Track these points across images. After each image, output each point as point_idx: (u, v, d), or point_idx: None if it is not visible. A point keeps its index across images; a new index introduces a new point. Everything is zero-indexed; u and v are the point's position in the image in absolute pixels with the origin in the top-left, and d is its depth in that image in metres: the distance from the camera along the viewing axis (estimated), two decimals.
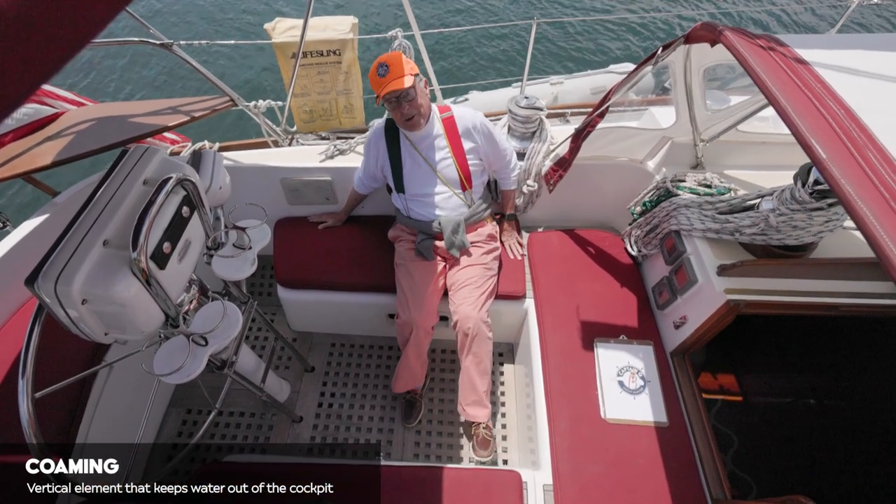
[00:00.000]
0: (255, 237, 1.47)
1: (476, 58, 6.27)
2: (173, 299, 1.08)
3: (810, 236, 1.55)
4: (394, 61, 1.58)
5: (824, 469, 1.79)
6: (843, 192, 0.80)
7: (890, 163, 0.80)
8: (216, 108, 1.90)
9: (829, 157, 0.86)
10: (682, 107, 1.80)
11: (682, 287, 1.73)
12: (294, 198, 2.14)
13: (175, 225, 1.06)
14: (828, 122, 0.91)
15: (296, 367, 2.19)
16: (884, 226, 0.73)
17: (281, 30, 2.08)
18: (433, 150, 1.77)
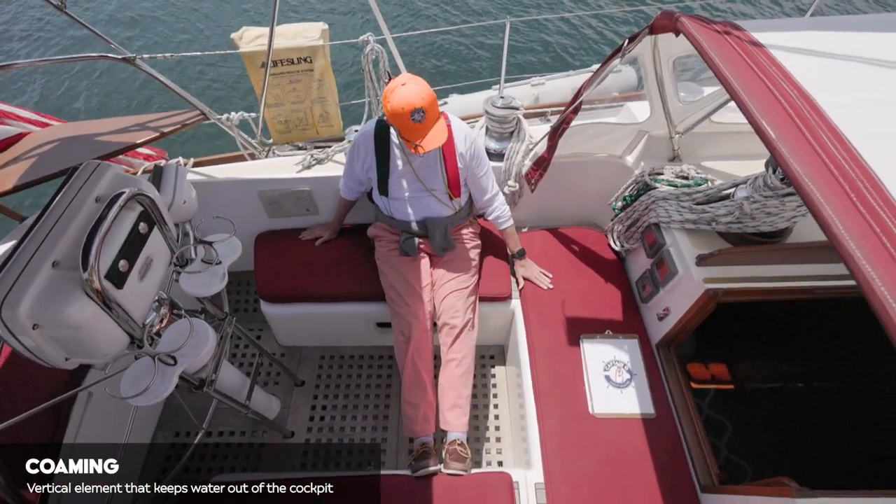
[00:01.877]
0: (224, 251, 1.44)
1: (453, 60, 6.23)
2: (137, 319, 1.05)
3: (784, 222, 1.57)
4: (428, 104, 1.46)
5: (813, 449, 1.82)
6: (792, 171, 0.80)
7: (841, 141, 0.80)
8: (186, 123, 1.86)
9: (779, 138, 0.86)
10: (655, 100, 1.81)
11: (663, 279, 1.75)
12: (273, 210, 2.11)
13: (131, 242, 1.03)
14: (780, 102, 0.92)
15: (285, 383, 2.16)
16: (832, 205, 0.72)
17: (248, 39, 2.04)
18: (426, 160, 1.73)
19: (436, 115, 1.52)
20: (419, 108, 1.45)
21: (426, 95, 1.47)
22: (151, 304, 1.18)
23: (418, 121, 1.47)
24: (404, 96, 1.45)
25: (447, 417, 1.75)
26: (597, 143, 2.02)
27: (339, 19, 6.93)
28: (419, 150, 1.52)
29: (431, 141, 1.52)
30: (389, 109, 1.48)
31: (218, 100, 5.50)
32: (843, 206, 0.72)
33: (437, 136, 1.53)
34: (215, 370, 1.44)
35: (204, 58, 5.81)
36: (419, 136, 1.51)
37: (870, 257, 0.65)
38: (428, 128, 1.51)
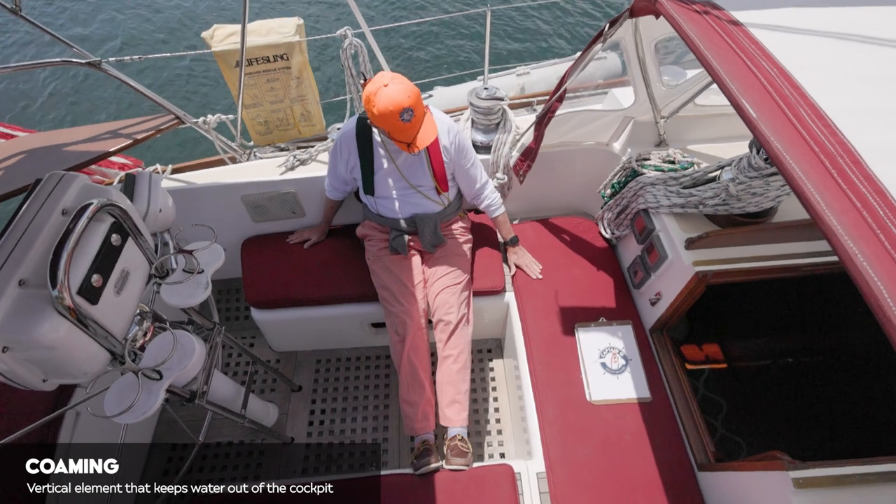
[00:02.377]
0: (206, 259, 1.40)
1: (435, 52, 6.12)
2: (117, 335, 1.02)
3: (769, 201, 1.59)
4: (415, 102, 1.43)
5: (805, 422, 1.88)
6: (773, 149, 0.80)
7: (821, 118, 0.80)
8: (161, 128, 1.80)
9: (759, 116, 0.85)
10: (639, 85, 1.80)
11: (654, 264, 1.76)
12: (258, 215, 2.06)
13: (104, 255, 0.99)
14: (760, 81, 0.91)
15: (282, 389, 2.14)
16: (813, 181, 0.72)
17: (220, 37, 1.97)
18: (410, 156, 1.70)
19: (423, 111, 1.50)
20: (407, 107, 1.42)
21: (412, 93, 1.44)
22: (132, 318, 1.15)
23: (408, 120, 1.44)
24: (390, 97, 1.41)
25: (446, 413, 1.75)
26: (583, 132, 2.01)
27: (315, 13, 6.76)
28: (413, 150, 1.50)
29: (424, 138, 1.49)
30: (376, 113, 1.44)
31: (195, 103, 5.34)
32: (825, 182, 0.72)
33: (428, 132, 1.50)
34: (206, 381, 1.41)
35: (177, 60, 5.62)
36: (410, 135, 1.48)
37: (851, 232, 0.66)
38: (418, 126, 1.48)
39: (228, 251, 2.09)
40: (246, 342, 2.26)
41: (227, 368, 2.18)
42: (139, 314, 1.21)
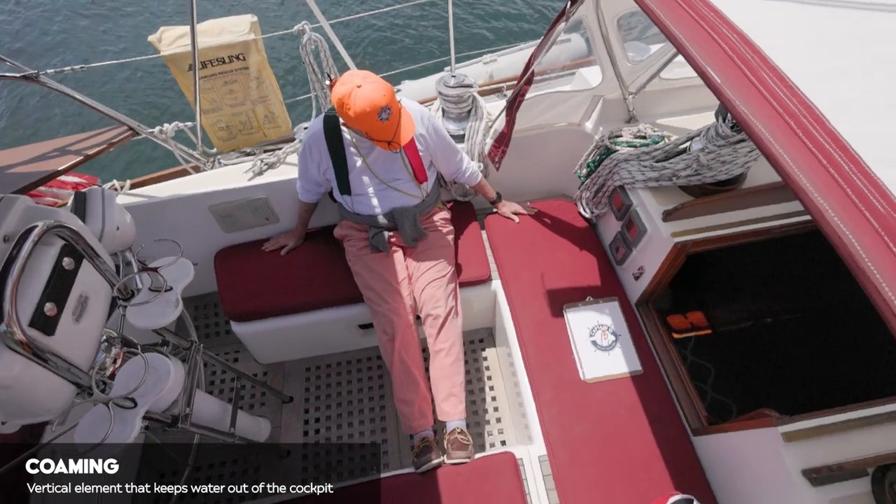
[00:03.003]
0: (174, 275, 1.33)
1: (399, 44, 6.02)
2: (81, 365, 0.96)
3: (738, 168, 1.63)
4: (390, 99, 1.40)
5: (789, 377, 1.95)
6: (739, 114, 0.81)
7: (783, 80, 0.81)
8: (113, 142, 1.69)
9: (724, 82, 0.86)
10: (605, 63, 1.81)
11: (634, 239, 1.79)
12: (229, 224, 1.97)
13: (56, 282, 0.92)
14: (721, 47, 0.92)
15: (272, 402, 2.07)
16: (780, 142, 0.74)
17: (169, 40, 1.86)
18: (383, 151, 1.65)
19: (398, 108, 1.46)
20: (384, 106, 1.37)
21: (386, 91, 1.40)
22: (97, 345, 1.08)
23: (386, 119, 1.40)
24: (366, 98, 1.37)
25: (443, 408, 1.73)
26: (554, 113, 2.01)
27: (268, 8, 6.52)
28: (394, 147, 1.47)
29: (404, 135, 1.46)
30: (353, 115, 1.40)
31: (150, 112, 5.08)
32: (791, 142, 0.73)
33: (407, 128, 1.47)
34: (189, 403, 1.35)
35: (127, 68, 5.33)
36: (390, 133, 1.45)
37: (821, 189, 0.67)
38: (396, 122, 1.45)
39: (200, 265, 2.00)
40: (229, 358, 2.18)
41: (211, 387, 2.09)
42: (105, 340, 1.13)
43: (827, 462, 1.13)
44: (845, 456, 1.13)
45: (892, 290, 0.57)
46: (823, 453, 1.16)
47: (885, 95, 0.75)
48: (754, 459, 1.32)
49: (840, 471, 1.11)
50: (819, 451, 1.16)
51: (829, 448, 1.16)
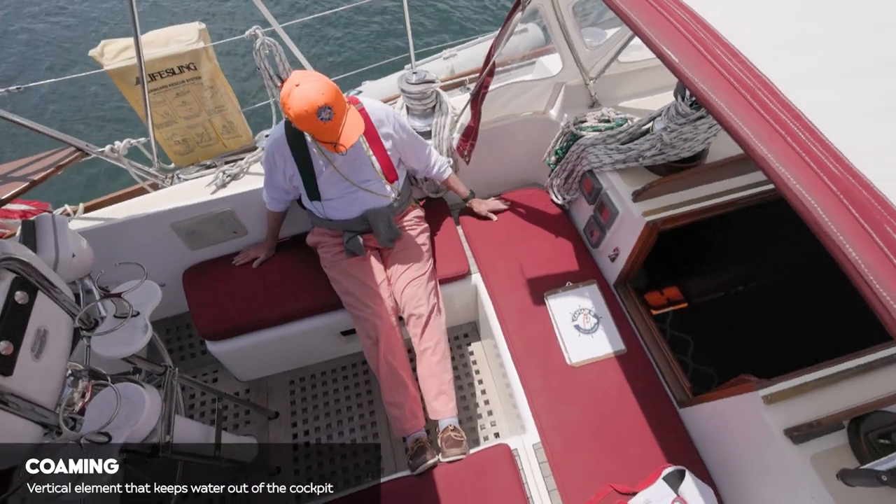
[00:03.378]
0: (140, 299, 1.27)
1: (356, 44, 5.92)
2: (46, 404, 0.92)
3: (700, 144, 1.67)
4: (332, 97, 1.34)
5: (764, 341, 2.03)
6: (698, 91, 0.83)
7: (735, 55, 0.83)
8: (61, 164, 1.60)
9: (682, 61, 0.88)
10: (564, 50, 1.82)
11: (607, 222, 1.81)
12: (194, 241, 1.90)
13: (10, 318, 0.88)
14: (675, 27, 0.94)
15: (258, 419, 2.01)
16: (739, 116, 0.75)
17: (111, 53, 1.76)
18: (353, 151, 1.62)
19: (344, 107, 1.41)
20: (323, 105, 1.32)
21: (327, 90, 1.34)
22: (62, 380, 1.03)
23: (327, 119, 1.35)
24: (303, 97, 1.32)
25: (434, 406, 1.72)
26: (519, 103, 2.02)
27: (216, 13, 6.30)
28: (340, 150, 1.42)
29: (349, 135, 1.41)
30: (293, 116, 1.36)
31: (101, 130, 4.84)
32: (749, 115, 0.75)
33: (353, 128, 1.42)
34: (168, 431, 1.29)
35: (71, 86, 5.05)
36: (333, 134, 1.40)
37: (781, 158, 0.69)
38: (339, 123, 1.39)
39: (168, 286, 1.91)
40: (207, 379, 2.10)
41: (192, 411, 2.01)
42: (71, 375, 1.08)
43: (806, 420, 1.17)
44: (822, 412, 1.18)
45: (854, 249, 0.59)
46: (802, 412, 1.20)
47: (834, 63, 0.77)
48: (738, 424, 1.37)
49: (818, 427, 1.15)
50: (798, 410, 1.21)
51: (806, 406, 1.21)
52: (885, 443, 1.11)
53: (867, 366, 1.22)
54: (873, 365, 1.22)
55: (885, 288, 0.56)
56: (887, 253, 0.58)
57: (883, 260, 0.57)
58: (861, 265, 0.59)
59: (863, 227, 0.60)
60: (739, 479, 1.42)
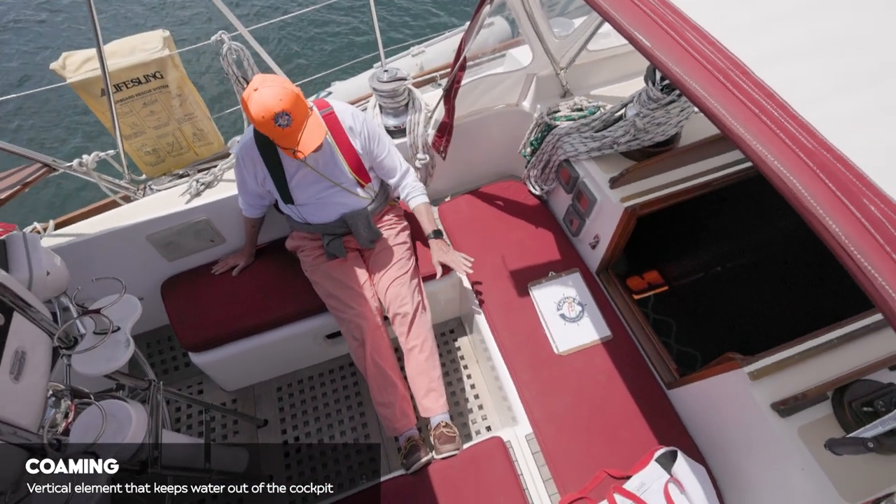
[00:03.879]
0: (119, 314, 1.25)
1: (325, 44, 5.85)
2: (28, 426, 0.90)
3: (672, 128, 1.69)
4: (291, 103, 1.31)
5: (745, 318, 2.06)
6: (672, 74, 0.83)
7: (706, 37, 0.84)
8: (27, 181, 1.56)
9: (654, 45, 0.89)
10: (534, 41, 1.83)
11: (586, 210, 1.83)
12: (171, 252, 1.86)
13: None
14: (645, 12, 0.95)
15: (247, 428, 1.99)
16: (714, 97, 0.76)
17: (74, 66, 1.72)
18: (323, 154, 1.60)
19: (304, 113, 1.38)
20: (280, 111, 1.30)
21: (284, 95, 1.31)
22: (44, 401, 1.01)
23: (285, 125, 1.32)
24: (260, 103, 1.30)
25: (425, 404, 1.72)
26: (491, 96, 2.02)
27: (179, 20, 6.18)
28: (298, 156, 1.39)
29: (307, 143, 1.38)
30: (253, 120, 1.34)
31: (69, 144, 4.72)
32: (724, 95, 0.76)
33: (312, 136, 1.39)
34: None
35: (33, 100, 4.92)
36: (292, 141, 1.37)
37: (758, 137, 0.70)
38: (298, 129, 1.36)
39: (147, 299, 1.88)
40: (193, 391, 2.07)
41: (178, 424, 1.98)
42: (53, 395, 1.07)
43: (792, 393, 1.19)
44: (807, 384, 1.20)
45: (835, 223, 0.60)
46: (787, 385, 1.22)
47: (803, 39, 0.78)
48: (726, 402, 1.39)
49: (804, 399, 1.17)
50: (783, 384, 1.23)
51: (791, 380, 1.23)
52: (868, 410, 1.13)
53: (847, 336, 1.24)
54: (853, 335, 1.24)
55: (867, 258, 0.57)
56: (865, 225, 0.59)
57: (862, 232, 0.59)
58: (842, 237, 0.59)
59: (841, 201, 0.61)
60: (730, 456, 1.44)
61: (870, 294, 0.58)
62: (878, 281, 0.56)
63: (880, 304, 0.57)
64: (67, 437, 1.04)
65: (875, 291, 0.57)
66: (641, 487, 1.49)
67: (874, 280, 0.56)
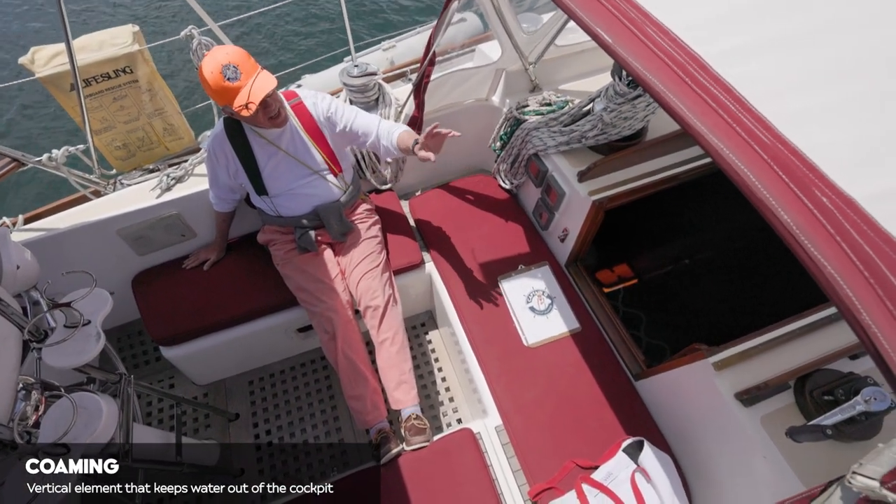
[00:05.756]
0: (90, 307, 1.26)
1: (294, 39, 5.80)
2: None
3: (639, 122, 1.72)
4: (239, 58, 1.36)
5: (712, 311, 2.09)
6: (633, 69, 0.85)
7: (667, 33, 0.86)
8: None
9: (615, 41, 0.90)
10: (502, 36, 1.85)
11: (555, 203, 1.84)
12: (142, 246, 1.87)
13: None
14: (607, 8, 0.97)
15: (218, 422, 1.99)
16: (673, 92, 0.78)
17: (43, 60, 1.72)
18: (294, 142, 1.62)
19: (252, 69, 1.40)
20: (227, 63, 1.34)
21: (233, 51, 1.37)
22: (13, 394, 1.02)
23: (234, 78, 1.34)
24: (211, 59, 1.35)
25: (396, 396, 1.72)
26: (461, 91, 2.04)
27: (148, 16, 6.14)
28: (251, 107, 1.37)
29: (257, 91, 1.38)
30: (205, 82, 1.36)
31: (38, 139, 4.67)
32: (682, 90, 0.77)
33: (260, 85, 1.39)
34: (127, 439, 1.29)
35: None
36: (244, 96, 1.37)
37: (714, 130, 0.71)
38: (246, 83, 1.38)
39: (118, 293, 1.88)
40: (164, 385, 2.07)
41: (150, 418, 1.98)
42: (23, 388, 1.08)
43: (754, 383, 1.21)
44: (769, 374, 1.22)
45: (786, 213, 0.61)
46: (750, 375, 1.24)
47: (761, 36, 0.79)
48: (692, 392, 1.41)
49: (766, 388, 1.19)
50: (746, 374, 1.25)
51: (754, 370, 1.25)
52: (828, 399, 1.15)
53: (808, 327, 1.27)
54: (814, 326, 1.26)
55: (816, 248, 0.58)
56: (817, 215, 0.59)
57: (813, 222, 0.59)
58: (793, 227, 0.60)
59: (793, 192, 0.62)
60: (695, 445, 1.46)
61: (820, 283, 0.58)
62: (828, 269, 0.57)
63: (830, 292, 0.57)
64: (37, 430, 1.05)
65: (825, 279, 0.57)
66: (609, 477, 1.50)
67: (823, 268, 0.57)
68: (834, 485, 0.60)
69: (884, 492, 0.51)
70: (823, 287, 0.58)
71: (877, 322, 0.51)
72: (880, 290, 0.52)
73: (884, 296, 0.51)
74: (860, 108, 0.67)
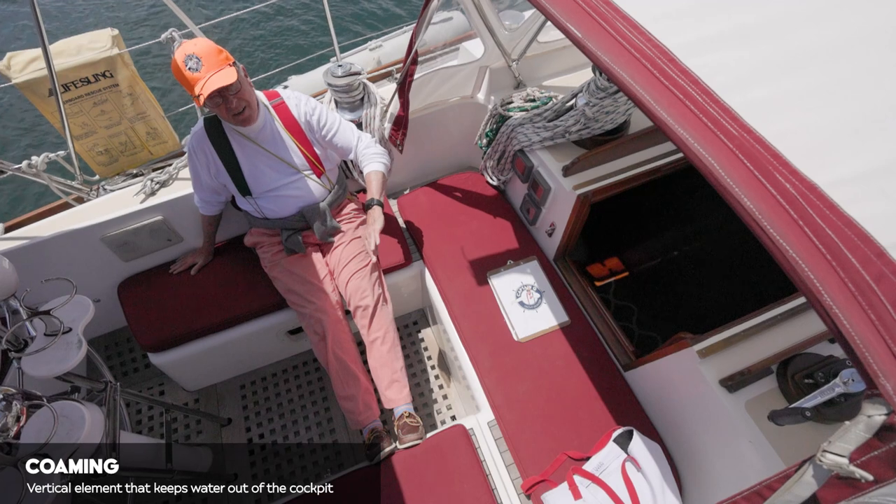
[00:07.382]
0: (71, 315, 1.24)
1: (279, 40, 5.73)
2: None
3: (621, 116, 1.73)
4: (204, 50, 1.35)
5: (701, 300, 2.11)
6: (602, 63, 0.86)
7: (635, 26, 0.87)
8: None
9: (585, 35, 0.91)
10: (485, 34, 1.86)
11: (541, 198, 1.86)
12: (127, 252, 1.85)
13: None
14: (577, 3, 0.98)
15: (210, 427, 1.98)
16: (641, 84, 0.79)
17: (19, 66, 1.70)
18: (274, 141, 1.61)
19: (215, 63, 1.38)
20: (190, 54, 1.34)
21: (202, 44, 1.37)
22: None
23: (194, 69, 1.34)
24: (179, 51, 1.36)
25: (388, 395, 1.72)
26: (446, 89, 2.04)
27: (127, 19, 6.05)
28: (199, 101, 1.37)
29: (210, 84, 1.36)
30: (176, 72, 1.37)
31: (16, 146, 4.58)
32: (649, 82, 0.78)
33: (216, 79, 1.37)
34: (113, 448, 1.27)
35: None
36: (204, 87, 1.35)
37: (680, 121, 0.72)
38: (205, 75, 1.36)
39: (105, 301, 1.86)
40: (154, 392, 2.05)
41: (140, 426, 1.97)
42: (3, 399, 1.06)
43: (738, 369, 1.23)
44: (752, 360, 1.24)
45: (749, 199, 0.62)
46: (734, 362, 1.26)
47: (727, 28, 0.80)
48: (679, 380, 1.42)
49: (749, 374, 1.21)
50: (730, 361, 1.27)
51: (737, 356, 1.27)
52: (809, 382, 1.17)
53: (789, 312, 1.29)
54: (794, 311, 1.29)
55: (779, 232, 0.59)
56: (780, 200, 0.60)
57: (776, 207, 0.60)
58: (755, 213, 0.61)
59: (757, 178, 0.63)
60: (684, 432, 1.48)
61: (783, 267, 0.59)
62: (790, 253, 0.58)
63: (792, 275, 0.58)
64: (19, 441, 1.04)
65: (787, 263, 0.58)
66: (600, 467, 1.52)
67: (786, 252, 0.58)
68: (806, 464, 0.61)
69: (852, 468, 0.53)
70: (786, 271, 0.59)
71: (838, 303, 0.52)
72: (841, 271, 0.53)
73: (845, 277, 0.53)
74: (822, 95, 0.69)
